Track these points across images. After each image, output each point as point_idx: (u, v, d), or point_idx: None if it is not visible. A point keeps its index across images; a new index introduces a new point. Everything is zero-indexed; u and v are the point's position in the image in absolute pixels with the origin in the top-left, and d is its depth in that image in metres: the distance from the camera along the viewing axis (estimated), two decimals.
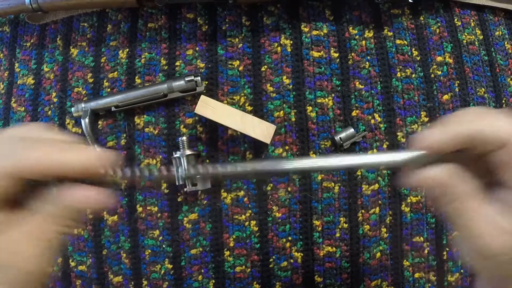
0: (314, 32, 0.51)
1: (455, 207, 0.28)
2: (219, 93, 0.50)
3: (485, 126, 0.27)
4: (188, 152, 0.46)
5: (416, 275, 0.48)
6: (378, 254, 0.48)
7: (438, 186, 0.28)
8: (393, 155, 0.29)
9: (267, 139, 0.45)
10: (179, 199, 0.48)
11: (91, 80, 0.51)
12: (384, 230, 0.48)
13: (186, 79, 0.48)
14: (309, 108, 0.49)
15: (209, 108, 0.46)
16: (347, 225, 0.48)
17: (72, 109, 0.49)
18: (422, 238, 0.48)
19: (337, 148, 0.48)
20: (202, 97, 0.46)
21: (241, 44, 0.50)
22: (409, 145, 0.29)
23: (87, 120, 0.48)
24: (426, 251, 0.48)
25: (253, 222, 0.48)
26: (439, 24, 0.52)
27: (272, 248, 0.48)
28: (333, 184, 0.48)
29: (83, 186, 0.27)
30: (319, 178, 0.48)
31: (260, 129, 0.45)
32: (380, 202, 0.48)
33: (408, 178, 0.29)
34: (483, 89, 0.51)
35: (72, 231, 0.27)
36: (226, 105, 0.46)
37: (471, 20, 0.52)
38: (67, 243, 0.49)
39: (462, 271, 0.49)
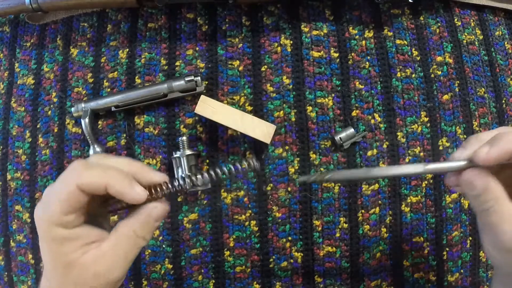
0: (314, 32, 0.51)
1: (490, 206, 0.33)
2: (219, 93, 0.50)
3: None
4: (188, 152, 0.46)
5: (416, 275, 0.48)
6: (378, 254, 0.48)
7: (482, 185, 0.33)
8: (450, 164, 0.34)
9: (267, 139, 0.45)
10: (179, 199, 0.48)
11: (91, 80, 0.51)
12: (384, 230, 0.48)
13: (186, 79, 0.48)
14: (309, 108, 0.49)
15: (209, 108, 0.46)
16: (347, 225, 0.48)
17: (72, 109, 0.49)
18: (422, 238, 0.48)
19: (337, 148, 0.48)
20: (202, 97, 0.46)
21: (241, 44, 0.50)
22: (459, 152, 0.34)
23: (87, 120, 0.48)
24: (426, 251, 0.48)
25: (253, 222, 0.48)
26: (439, 24, 0.52)
27: (272, 248, 0.48)
28: (333, 184, 0.48)
29: (159, 201, 0.33)
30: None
31: (260, 129, 0.45)
32: (380, 202, 0.48)
33: (457, 179, 0.34)
34: (483, 89, 0.51)
35: (147, 243, 0.33)
36: (226, 105, 0.46)
37: (471, 20, 0.52)
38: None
39: (462, 271, 0.49)
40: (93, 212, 0.33)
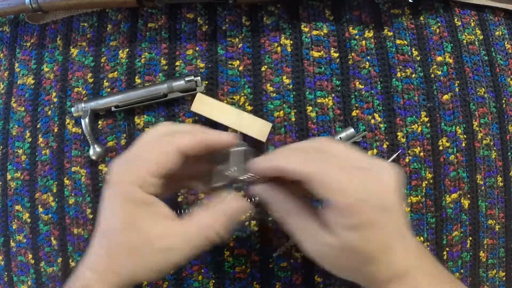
0: (314, 32, 0.51)
1: (282, 221, 0.33)
2: (219, 93, 0.50)
3: (288, 162, 0.31)
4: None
5: None
6: None
7: (263, 200, 0.34)
8: None
9: (263, 137, 0.45)
10: (179, 199, 0.48)
11: (91, 80, 0.51)
12: None
13: (186, 79, 0.48)
14: (309, 108, 0.49)
15: (206, 106, 0.46)
16: None
17: (72, 109, 0.49)
18: (422, 238, 0.48)
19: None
20: (199, 94, 0.46)
21: (241, 44, 0.50)
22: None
23: (87, 120, 0.48)
24: None
25: (253, 222, 0.48)
26: (439, 24, 0.52)
27: (272, 248, 0.48)
28: None
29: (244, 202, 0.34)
30: None
31: (256, 127, 0.45)
32: None
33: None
34: (483, 89, 0.51)
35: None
36: (222, 103, 0.46)
37: (471, 20, 0.52)
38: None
39: (462, 271, 0.49)
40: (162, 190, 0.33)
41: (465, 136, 0.49)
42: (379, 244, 0.31)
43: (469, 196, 0.49)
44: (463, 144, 0.49)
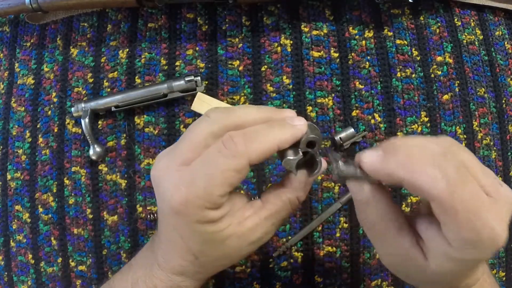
0: (314, 32, 0.51)
1: (368, 227, 0.30)
2: (219, 93, 0.50)
3: (418, 177, 0.26)
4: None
5: None
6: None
7: (360, 202, 0.30)
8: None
9: None
10: None
11: (91, 80, 0.51)
12: None
13: (186, 79, 0.48)
14: (309, 108, 0.49)
15: (205, 104, 0.46)
16: (347, 225, 0.48)
17: (72, 109, 0.49)
18: None
19: (337, 148, 0.48)
20: (199, 94, 0.46)
21: (241, 44, 0.50)
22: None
23: (87, 120, 0.48)
24: None
25: None
26: (439, 24, 0.52)
27: (272, 248, 0.48)
28: (333, 184, 0.48)
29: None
30: (319, 178, 0.48)
31: None
32: None
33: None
34: (483, 89, 0.51)
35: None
36: (222, 102, 0.46)
37: (471, 20, 0.52)
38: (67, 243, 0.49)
39: None
40: None
41: (465, 136, 0.49)
42: (472, 270, 0.29)
43: None
44: (463, 144, 0.49)
